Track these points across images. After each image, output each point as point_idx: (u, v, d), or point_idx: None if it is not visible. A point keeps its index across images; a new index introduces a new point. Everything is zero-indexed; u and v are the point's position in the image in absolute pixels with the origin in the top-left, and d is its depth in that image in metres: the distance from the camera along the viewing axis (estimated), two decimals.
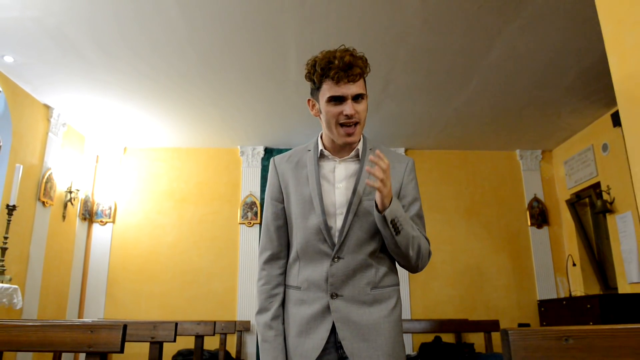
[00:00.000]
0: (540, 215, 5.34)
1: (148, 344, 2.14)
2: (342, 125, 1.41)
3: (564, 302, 4.66)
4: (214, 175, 5.36)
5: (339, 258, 1.40)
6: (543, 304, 4.99)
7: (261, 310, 1.48)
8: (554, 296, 5.11)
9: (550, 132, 5.05)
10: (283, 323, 1.47)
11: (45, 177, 4.27)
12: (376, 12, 3.06)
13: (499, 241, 5.30)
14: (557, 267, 5.22)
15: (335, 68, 1.37)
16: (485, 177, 5.49)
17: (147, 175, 5.32)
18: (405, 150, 5.46)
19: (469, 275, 5.17)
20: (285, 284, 1.51)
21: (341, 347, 1.37)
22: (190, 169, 5.36)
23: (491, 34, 3.28)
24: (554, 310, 4.78)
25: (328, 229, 1.42)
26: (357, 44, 3.24)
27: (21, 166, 3.77)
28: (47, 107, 4.38)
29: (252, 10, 3.05)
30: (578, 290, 4.95)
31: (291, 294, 1.46)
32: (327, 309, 1.38)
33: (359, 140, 1.51)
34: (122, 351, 1.44)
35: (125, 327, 1.46)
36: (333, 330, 1.37)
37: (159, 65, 3.70)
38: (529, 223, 5.33)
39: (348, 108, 1.39)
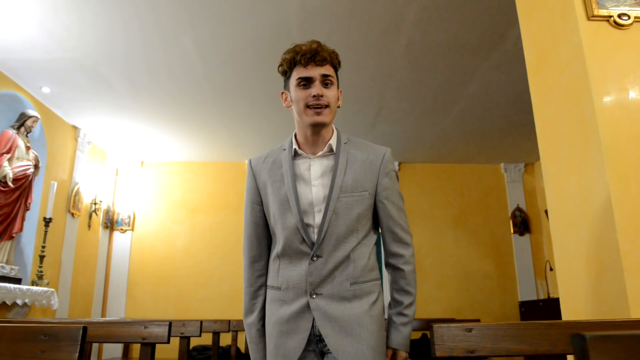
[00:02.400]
0: (522, 224, 5.82)
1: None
2: (310, 107, 1.41)
3: (541, 304, 5.15)
4: (223, 186, 5.86)
5: (317, 257, 1.38)
6: (523, 305, 5.47)
7: (247, 312, 1.51)
8: (534, 298, 5.59)
9: (531, 148, 5.53)
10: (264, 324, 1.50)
11: (74, 191, 4.78)
12: (367, 54, 3.55)
13: (484, 247, 5.78)
14: (537, 271, 5.70)
15: (303, 52, 1.41)
16: (472, 189, 5.97)
17: (163, 187, 5.82)
18: (399, 164, 5.95)
19: (456, 278, 5.65)
20: (266, 285, 1.50)
21: (321, 341, 1.38)
22: (201, 181, 5.87)
23: (468, 72, 3.77)
24: (533, 311, 5.27)
25: (305, 227, 1.40)
26: (351, 78, 3.73)
27: (55, 183, 4.28)
28: (74, 127, 4.88)
29: (258, 52, 3.54)
30: (556, 292, 5.42)
31: (272, 295, 1.46)
32: (306, 307, 1.38)
33: (331, 131, 1.49)
34: (168, 342, 1.92)
35: (170, 324, 1.93)
36: (313, 326, 1.38)
37: (177, 95, 4.21)
38: (512, 231, 5.81)
39: (315, 89, 1.39)
